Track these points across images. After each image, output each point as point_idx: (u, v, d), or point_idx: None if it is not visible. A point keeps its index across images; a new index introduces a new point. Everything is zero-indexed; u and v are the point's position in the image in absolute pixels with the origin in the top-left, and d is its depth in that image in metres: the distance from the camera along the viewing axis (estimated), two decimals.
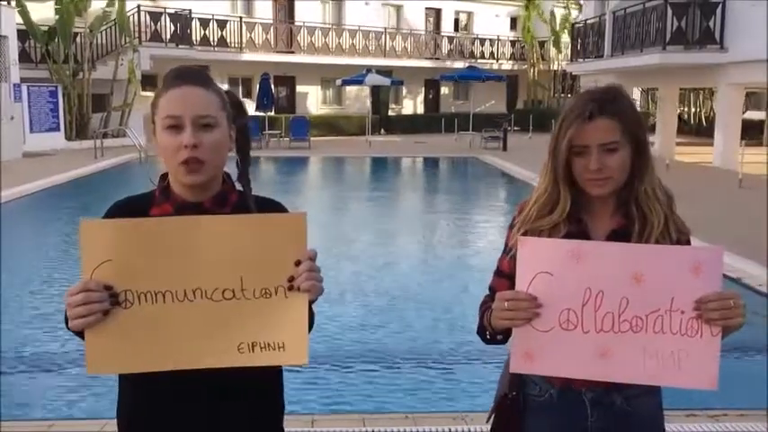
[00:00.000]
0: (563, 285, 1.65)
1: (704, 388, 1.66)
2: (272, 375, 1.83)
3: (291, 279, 1.60)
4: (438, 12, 35.61)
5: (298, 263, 1.60)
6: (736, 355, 5.16)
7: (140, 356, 1.59)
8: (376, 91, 30.04)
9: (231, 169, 1.82)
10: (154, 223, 1.62)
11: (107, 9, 22.44)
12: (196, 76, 1.71)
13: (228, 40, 27.70)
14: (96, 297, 1.54)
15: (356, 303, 6.95)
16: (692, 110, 32.84)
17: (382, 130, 30.45)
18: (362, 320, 6.49)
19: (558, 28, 34.25)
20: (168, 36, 24.66)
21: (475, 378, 5.13)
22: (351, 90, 31.84)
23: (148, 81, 23.53)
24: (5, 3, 18.87)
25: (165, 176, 1.76)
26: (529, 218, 1.82)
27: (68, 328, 1.60)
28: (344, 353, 5.63)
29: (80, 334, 1.58)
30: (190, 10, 25.41)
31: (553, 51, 34.88)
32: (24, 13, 20.62)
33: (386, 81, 27.74)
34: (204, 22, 26.60)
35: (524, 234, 1.77)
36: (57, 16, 21.26)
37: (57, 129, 21.29)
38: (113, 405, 1.85)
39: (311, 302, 1.64)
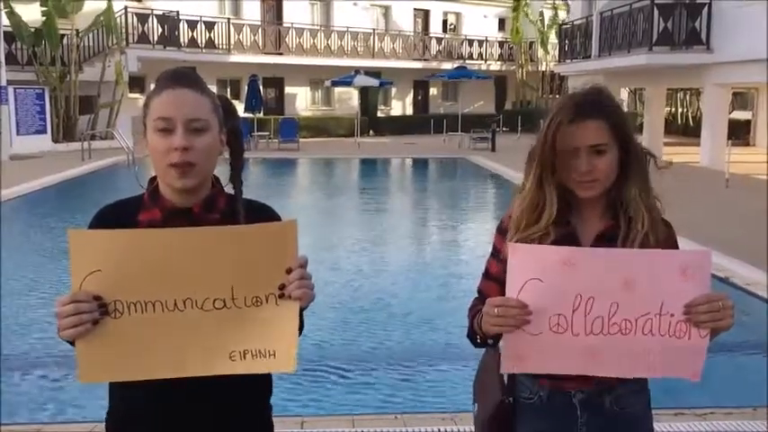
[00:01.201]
0: (553, 292, 1.65)
1: (688, 378, 1.69)
2: (260, 377, 1.82)
3: (282, 287, 1.60)
4: (426, 13, 35.64)
5: (289, 270, 1.60)
6: (724, 355, 5.19)
7: (131, 365, 1.59)
8: (365, 92, 30.04)
9: (221, 172, 1.81)
10: (143, 234, 1.62)
11: (101, 17, 22.30)
12: (189, 78, 1.71)
13: (216, 42, 27.59)
14: (85, 308, 1.54)
15: (344, 304, 6.94)
16: (679, 110, 33.02)
17: (371, 132, 30.44)
18: (351, 321, 6.49)
19: (545, 29, 34.37)
20: (156, 38, 24.54)
21: (464, 378, 5.14)
22: (340, 91, 31.83)
23: (136, 83, 23.42)
24: None
25: (153, 179, 1.76)
26: (519, 225, 1.79)
27: (60, 337, 1.60)
28: (333, 354, 5.63)
29: (72, 342, 1.58)
30: (177, 11, 25.29)
31: (541, 52, 34.98)
32: (12, 14, 20.49)
33: (374, 82, 27.74)
34: (192, 24, 26.49)
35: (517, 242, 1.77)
36: (43, 18, 21.12)
37: (44, 131, 21.15)
38: (102, 407, 1.84)
39: (302, 309, 1.64)
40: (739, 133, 24.24)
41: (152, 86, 1.76)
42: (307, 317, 1.77)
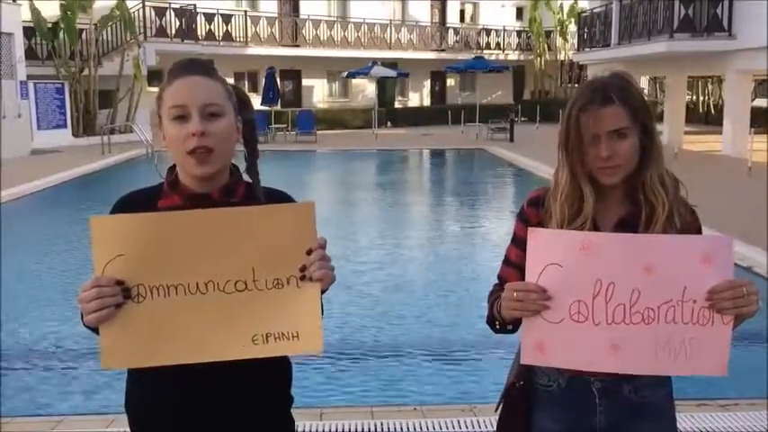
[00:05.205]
0: (573, 277, 1.64)
1: (714, 374, 1.66)
2: (281, 367, 1.83)
3: (303, 269, 1.60)
4: (443, 3, 35.48)
5: (309, 252, 1.60)
6: (748, 344, 5.13)
7: (153, 351, 1.59)
8: (382, 84, 29.98)
9: (238, 163, 1.82)
10: (164, 217, 1.62)
11: (116, 11, 22.41)
12: (199, 66, 1.72)
13: (233, 35, 27.69)
14: (108, 292, 1.55)
15: (363, 295, 6.94)
16: (701, 98, 32.65)
17: (388, 123, 30.39)
18: (371, 312, 6.49)
19: (564, 17, 34.09)
20: (173, 31, 24.68)
21: (483, 369, 5.13)
22: (357, 83, 31.80)
23: (154, 76, 23.51)
24: (10, 0, 18.86)
25: (172, 169, 1.77)
26: (562, 221, 1.76)
27: (84, 325, 1.60)
28: (353, 345, 5.63)
29: (96, 330, 1.59)
30: (194, 5, 25.41)
31: (560, 41, 34.71)
32: (33, 9, 20.63)
33: (391, 73, 27.68)
34: (209, 17, 26.60)
35: None
36: (61, 13, 21.27)
37: (64, 126, 21.35)
38: (120, 400, 1.84)
39: (323, 291, 1.64)
40: (762, 121, 23.92)
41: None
42: (326, 305, 1.75)
